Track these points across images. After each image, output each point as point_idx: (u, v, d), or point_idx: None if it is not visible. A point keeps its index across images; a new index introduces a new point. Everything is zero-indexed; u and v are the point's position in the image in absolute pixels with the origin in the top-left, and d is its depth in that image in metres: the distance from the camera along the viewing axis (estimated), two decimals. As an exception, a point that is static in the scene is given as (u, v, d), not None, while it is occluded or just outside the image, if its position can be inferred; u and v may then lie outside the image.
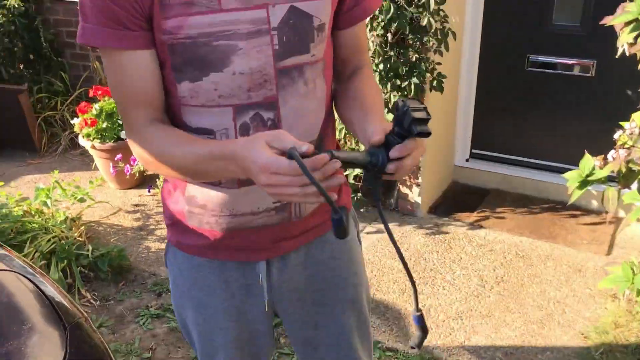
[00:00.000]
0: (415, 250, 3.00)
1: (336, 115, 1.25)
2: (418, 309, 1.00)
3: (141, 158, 1.10)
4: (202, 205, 1.18)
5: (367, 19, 2.16)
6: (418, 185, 3.23)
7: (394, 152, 0.96)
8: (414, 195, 3.26)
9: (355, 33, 1.22)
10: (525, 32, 3.29)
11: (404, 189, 3.27)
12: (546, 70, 3.29)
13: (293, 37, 1.07)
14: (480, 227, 3.19)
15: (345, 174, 1.39)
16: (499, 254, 2.95)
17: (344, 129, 2.91)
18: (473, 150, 3.64)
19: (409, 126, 0.94)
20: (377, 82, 2.63)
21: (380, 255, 2.96)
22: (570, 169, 2.41)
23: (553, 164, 3.43)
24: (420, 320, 1.01)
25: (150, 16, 1.01)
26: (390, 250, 2.98)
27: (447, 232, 3.14)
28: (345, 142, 3.10)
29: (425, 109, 0.97)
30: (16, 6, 4.29)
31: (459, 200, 3.48)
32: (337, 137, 2.44)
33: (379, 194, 1.00)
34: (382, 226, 3.15)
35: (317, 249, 1.28)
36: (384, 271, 2.84)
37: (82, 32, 1.02)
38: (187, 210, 1.21)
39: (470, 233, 3.13)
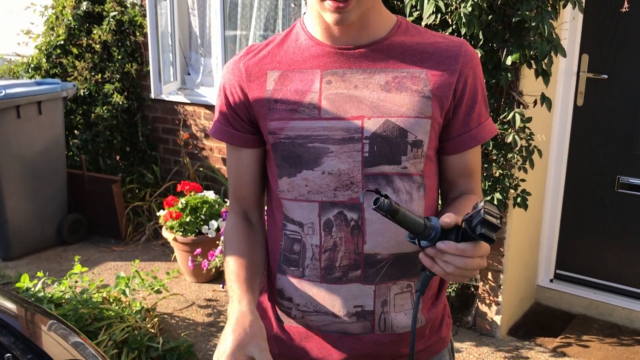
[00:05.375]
0: (492, 374, 2.82)
1: None
2: None
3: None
4: (289, 299, 1.22)
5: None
6: (498, 304, 3.09)
7: (441, 245, 0.97)
8: (492, 314, 3.11)
9: (464, 159, 1.20)
10: (614, 153, 3.20)
11: (483, 307, 3.13)
12: (638, 193, 3.16)
13: (384, 148, 1.12)
14: (564, 354, 2.98)
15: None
16: (585, 387, 2.72)
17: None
18: (558, 271, 3.47)
19: (475, 225, 0.93)
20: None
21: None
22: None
23: (646, 292, 3.21)
24: None
25: (255, 120, 1.19)
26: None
27: (527, 357, 2.95)
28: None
29: (500, 217, 0.96)
30: (120, 103, 4.63)
31: (542, 323, 3.28)
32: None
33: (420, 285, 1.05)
34: (462, 345, 3.00)
35: None
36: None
37: (211, 127, 1.26)
38: (277, 304, 1.25)
39: (553, 361, 2.93)
